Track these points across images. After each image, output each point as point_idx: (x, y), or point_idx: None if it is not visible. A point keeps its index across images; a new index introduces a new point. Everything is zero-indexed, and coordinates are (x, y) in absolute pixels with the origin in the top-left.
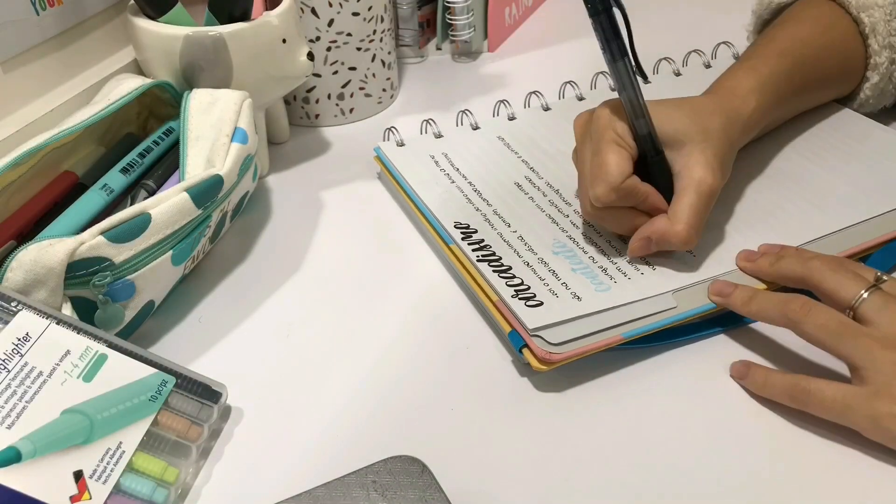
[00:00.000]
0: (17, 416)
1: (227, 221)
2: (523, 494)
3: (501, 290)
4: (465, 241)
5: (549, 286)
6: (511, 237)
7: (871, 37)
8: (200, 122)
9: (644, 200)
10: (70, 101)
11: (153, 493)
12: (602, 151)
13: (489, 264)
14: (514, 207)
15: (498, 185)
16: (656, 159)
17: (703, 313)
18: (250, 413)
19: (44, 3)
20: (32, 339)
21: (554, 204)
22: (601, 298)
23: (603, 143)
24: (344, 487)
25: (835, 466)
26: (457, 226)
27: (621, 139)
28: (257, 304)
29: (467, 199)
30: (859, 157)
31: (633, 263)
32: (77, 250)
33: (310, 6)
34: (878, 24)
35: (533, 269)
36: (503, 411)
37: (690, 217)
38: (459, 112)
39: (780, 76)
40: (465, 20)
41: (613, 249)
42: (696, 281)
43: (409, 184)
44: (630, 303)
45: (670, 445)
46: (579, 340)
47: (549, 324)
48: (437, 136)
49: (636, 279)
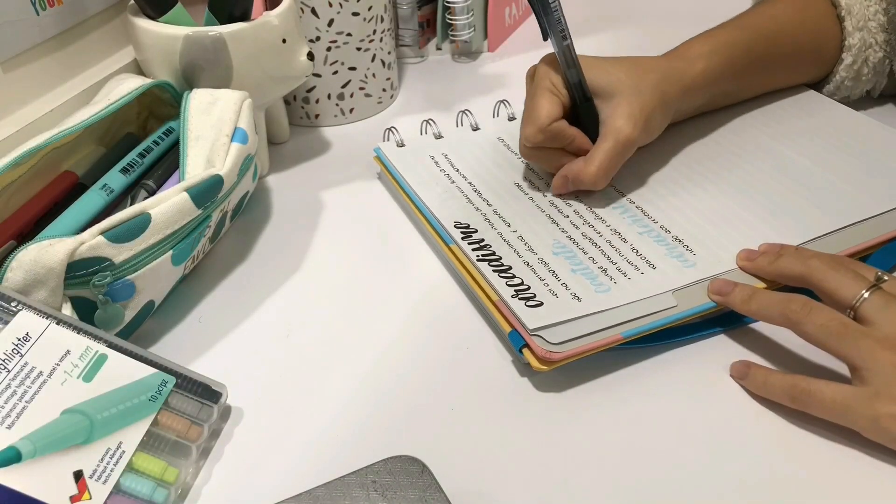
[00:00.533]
0: (17, 416)
1: (227, 221)
2: (523, 494)
3: (501, 290)
4: (465, 240)
5: (549, 286)
6: (511, 237)
7: (847, 18)
8: (200, 122)
9: (571, 143)
10: (70, 101)
11: (153, 493)
12: (535, 97)
13: (489, 264)
14: (514, 207)
15: (498, 185)
16: (585, 106)
17: (702, 312)
18: (250, 413)
19: (44, 3)
20: (32, 339)
21: (554, 204)
22: (601, 299)
23: (537, 90)
24: (344, 487)
25: (834, 467)
26: (457, 225)
27: (554, 87)
28: (257, 304)
29: (467, 199)
30: (857, 154)
31: (633, 264)
32: (77, 250)
33: (310, 6)
34: (854, 5)
35: (533, 269)
36: (503, 411)
37: (603, 161)
38: (459, 112)
39: (736, 45)
40: (465, 20)
41: (614, 250)
42: (695, 280)
43: (409, 184)
44: (630, 303)
45: (670, 446)
46: (579, 340)
47: (549, 324)
48: (437, 136)
49: (636, 279)
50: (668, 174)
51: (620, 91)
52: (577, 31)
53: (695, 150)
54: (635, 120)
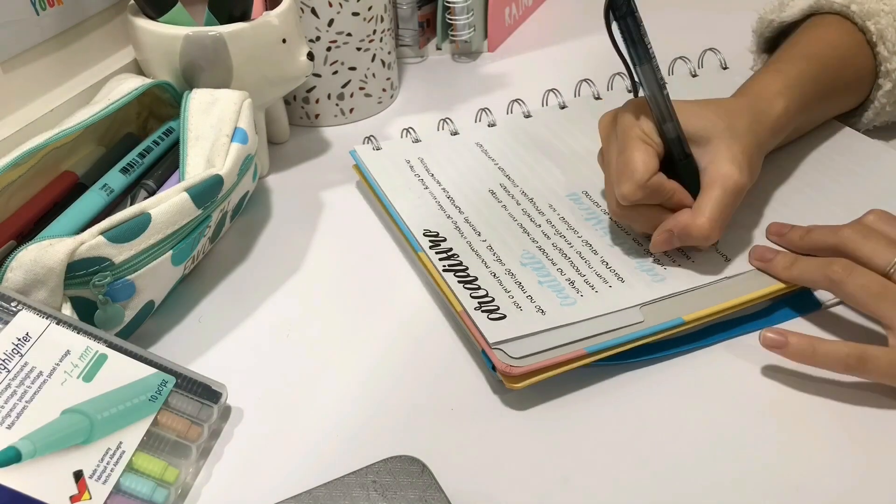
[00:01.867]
0: (17, 416)
1: (228, 221)
2: (523, 494)
3: (465, 302)
4: (432, 249)
5: (513, 299)
6: (480, 246)
7: (880, 43)
8: (200, 121)
9: (671, 198)
10: (70, 101)
11: (153, 493)
12: (628, 149)
13: (455, 274)
14: (486, 215)
15: (472, 191)
16: (685, 162)
17: (670, 329)
18: (250, 413)
19: (44, 3)
20: (32, 339)
21: (527, 213)
22: (566, 312)
23: (629, 142)
24: (344, 487)
25: (832, 466)
26: (426, 233)
27: (647, 136)
28: (257, 304)
29: (439, 206)
30: (864, 177)
31: (601, 277)
32: (77, 250)
33: (310, 6)
34: (886, 30)
35: (499, 281)
36: (503, 411)
37: (713, 211)
38: (440, 119)
39: (806, 79)
40: (465, 20)
41: (584, 262)
42: (664, 295)
43: (382, 188)
44: (596, 317)
45: (669, 449)
46: (541, 354)
47: (511, 338)
48: (415, 140)
49: (604, 292)
50: None
51: (717, 136)
52: (575, 33)
53: None
54: (739, 164)
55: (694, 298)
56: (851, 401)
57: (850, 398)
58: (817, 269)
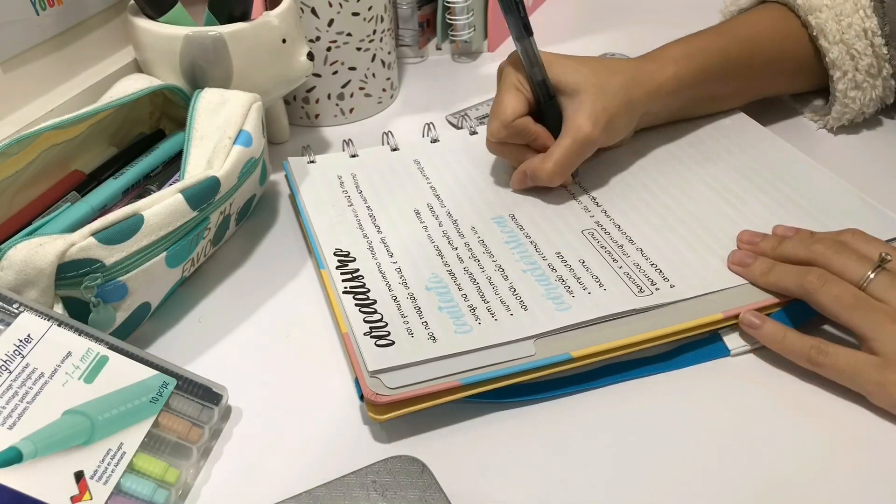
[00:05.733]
0: (18, 416)
1: (233, 224)
2: (523, 494)
3: (356, 326)
4: (339, 269)
5: (408, 324)
6: (389, 268)
7: (821, 37)
8: (207, 122)
9: (535, 140)
10: (70, 100)
11: (154, 494)
12: (500, 93)
13: (354, 296)
14: (403, 235)
15: (396, 210)
16: (548, 104)
17: (558, 365)
18: (250, 413)
19: (44, 3)
20: (34, 341)
21: (446, 235)
22: (458, 340)
23: (503, 86)
24: (344, 487)
25: (828, 466)
26: (336, 253)
27: (520, 84)
28: (258, 305)
29: (359, 224)
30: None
31: (505, 304)
32: (68, 252)
33: (310, 6)
34: (826, 23)
35: (398, 305)
36: (503, 412)
37: (560, 157)
38: (384, 133)
39: (711, 49)
40: (465, 20)
41: (491, 287)
42: (563, 326)
43: (304, 203)
44: (487, 347)
45: (668, 451)
46: (416, 385)
47: (393, 366)
48: (352, 155)
49: (503, 321)
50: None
51: (585, 89)
52: (574, 34)
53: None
54: (596, 119)
55: (591, 333)
56: None
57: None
58: (793, 278)
